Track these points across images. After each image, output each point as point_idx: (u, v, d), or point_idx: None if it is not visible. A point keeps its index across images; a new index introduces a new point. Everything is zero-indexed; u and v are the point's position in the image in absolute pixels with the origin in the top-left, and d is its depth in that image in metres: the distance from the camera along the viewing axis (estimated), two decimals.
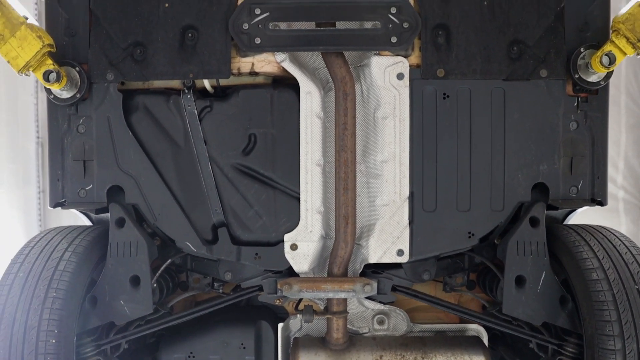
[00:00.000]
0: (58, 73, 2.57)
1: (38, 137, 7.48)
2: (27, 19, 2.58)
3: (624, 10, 2.67)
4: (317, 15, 2.65)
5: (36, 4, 6.31)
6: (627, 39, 2.52)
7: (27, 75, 2.61)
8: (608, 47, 2.55)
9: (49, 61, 2.58)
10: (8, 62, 2.57)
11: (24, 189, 7.07)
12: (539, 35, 2.68)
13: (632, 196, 7.35)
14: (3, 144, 6.88)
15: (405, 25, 2.63)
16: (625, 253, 2.56)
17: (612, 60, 2.55)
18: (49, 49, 2.58)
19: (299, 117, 2.70)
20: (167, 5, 2.69)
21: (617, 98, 7.26)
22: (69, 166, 2.75)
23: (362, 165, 2.82)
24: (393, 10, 2.63)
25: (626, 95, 7.18)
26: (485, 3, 2.68)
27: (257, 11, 2.63)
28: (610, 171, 6.65)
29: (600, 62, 2.56)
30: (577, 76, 2.67)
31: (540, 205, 2.72)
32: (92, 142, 2.74)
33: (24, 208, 7.10)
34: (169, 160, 2.77)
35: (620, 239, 2.66)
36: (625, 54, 2.55)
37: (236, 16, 2.63)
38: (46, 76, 2.57)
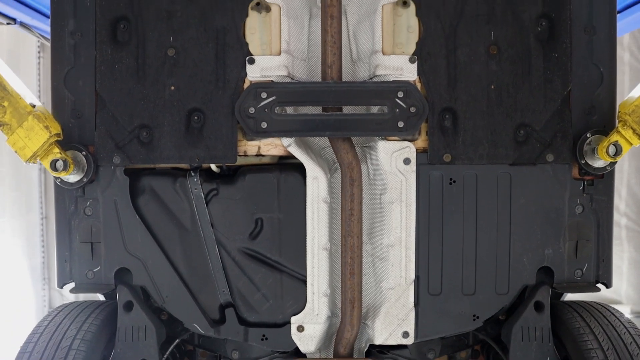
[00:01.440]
0: (65, 162, 2.58)
1: (41, 164, 7.44)
2: (34, 106, 2.58)
3: (632, 94, 2.68)
4: (323, 99, 2.65)
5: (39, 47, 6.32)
6: (634, 130, 2.53)
7: (34, 163, 2.62)
8: (615, 137, 2.55)
9: (56, 150, 2.58)
10: (15, 151, 2.58)
11: (26, 216, 7.08)
12: (546, 119, 2.69)
13: (635, 223, 7.36)
14: (6, 173, 6.88)
15: (412, 109, 2.63)
16: (631, 343, 2.57)
17: (618, 150, 2.55)
18: (56, 139, 2.58)
19: (305, 202, 2.71)
20: (172, 88, 2.69)
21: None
22: (76, 248, 2.76)
23: (368, 246, 2.84)
24: (400, 94, 2.63)
25: None
26: (493, 87, 2.68)
27: (264, 95, 2.64)
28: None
29: (607, 151, 2.56)
30: (583, 161, 2.68)
31: (545, 289, 2.73)
32: (99, 225, 2.75)
33: (27, 235, 7.10)
34: (176, 242, 2.78)
35: (624, 325, 2.67)
36: (631, 144, 2.56)
37: (242, 100, 2.64)
38: (53, 165, 2.58)
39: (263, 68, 2.67)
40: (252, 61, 2.67)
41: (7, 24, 4.30)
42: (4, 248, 6.79)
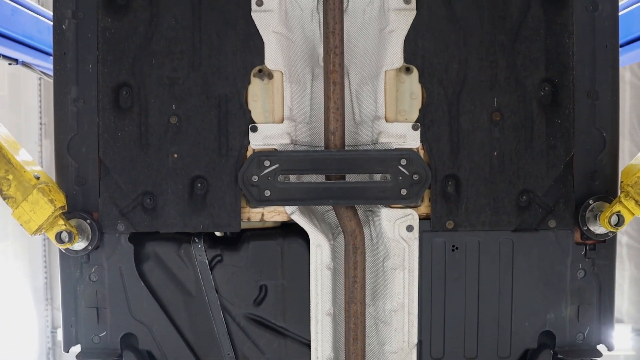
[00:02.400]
0: (70, 233, 2.59)
1: None
2: (38, 178, 2.59)
3: (634, 162, 2.69)
4: (326, 168, 2.66)
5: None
6: (636, 201, 2.54)
7: (39, 235, 2.63)
8: (617, 208, 2.56)
9: (61, 222, 2.60)
10: (21, 224, 2.59)
11: (29, 238, 7.09)
12: (549, 185, 2.70)
13: (636, 241, 7.40)
14: None
15: (415, 177, 2.64)
16: None
17: (620, 221, 2.57)
18: (60, 212, 2.59)
19: (308, 267, 2.73)
20: (175, 156, 2.70)
21: (621, 144, 7.27)
22: (82, 313, 2.78)
23: (371, 308, 2.85)
24: (403, 162, 2.64)
25: (630, 141, 7.20)
26: (496, 154, 2.69)
27: (267, 163, 2.65)
28: None
29: (609, 221, 2.57)
30: (585, 228, 2.69)
31: (546, 353, 2.75)
32: (105, 291, 2.77)
33: (29, 257, 7.14)
34: (181, 307, 2.80)
35: None
36: (633, 214, 2.57)
37: (245, 169, 2.64)
38: (58, 237, 2.59)
39: (266, 136, 2.67)
40: (254, 129, 2.68)
41: (10, 64, 4.31)
42: (7, 271, 6.82)
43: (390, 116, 2.69)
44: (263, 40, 2.66)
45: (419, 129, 2.68)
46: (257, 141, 2.68)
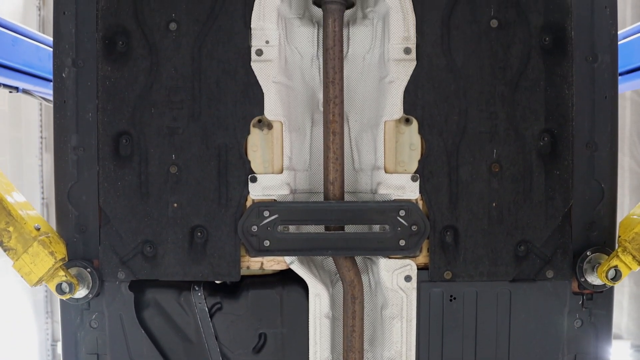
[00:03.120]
0: (70, 284, 2.61)
1: (43, 198, 7.52)
2: (38, 229, 2.60)
3: (634, 211, 2.70)
4: (325, 218, 2.67)
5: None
6: (634, 256, 2.55)
7: (39, 285, 2.65)
8: (614, 262, 2.57)
9: (62, 273, 2.61)
10: (21, 276, 2.60)
11: None
12: (547, 235, 2.71)
13: None
14: None
15: (414, 228, 2.65)
16: None
17: (618, 275, 2.58)
18: (61, 264, 2.61)
19: (307, 314, 2.74)
20: (175, 205, 2.71)
21: (621, 160, 7.29)
22: (82, 359, 2.80)
23: (369, 354, 2.87)
24: (402, 213, 2.65)
25: (630, 157, 7.20)
26: (494, 205, 2.70)
27: (266, 214, 2.66)
28: None
29: (606, 276, 2.58)
30: (582, 279, 2.70)
31: None
32: (105, 337, 2.78)
33: None
34: (181, 354, 2.82)
35: None
36: (631, 269, 2.58)
37: (245, 219, 2.66)
38: (59, 288, 2.60)
39: (265, 187, 2.68)
40: (254, 179, 2.69)
41: (10, 92, 4.32)
42: (7, 284, 6.84)
43: (390, 167, 2.70)
44: (263, 91, 2.67)
45: (418, 180, 2.68)
46: (256, 192, 2.69)
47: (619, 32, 2.82)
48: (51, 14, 2.81)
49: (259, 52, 2.67)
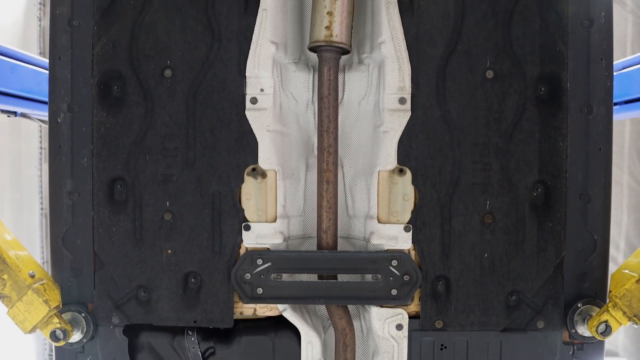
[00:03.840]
0: (65, 331, 2.62)
1: (42, 209, 7.55)
2: (33, 277, 2.62)
3: (630, 260, 2.71)
4: (318, 267, 2.69)
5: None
6: (624, 312, 2.56)
7: (34, 332, 2.66)
8: (605, 317, 2.58)
9: (56, 320, 2.63)
10: (16, 324, 2.62)
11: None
12: (538, 286, 2.72)
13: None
14: (7, 221, 6.91)
15: (406, 278, 2.67)
16: None
17: (608, 330, 2.59)
18: (55, 312, 2.62)
19: None
20: (169, 252, 2.72)
21: (620, 178, 7.29)
22: None
23: None
24: (394, 263, 2.66)
25: (629, 175, 7.19)
26: (486, 256, 2.71)
27: (259, 262, 2.67)
28: (612, 251, 6.77)
29: (596, 330, 2.59)
30: (573, 330, 2.71)
31: None
32: None
33: None
34: None
35: None
36: (621, 324, 2.59)
37: (238, 267, 2.67)
38: (53, 335, 2.62)
39: (259, 235, 2.69)
40: (247, 228, 2.70)
41: (8, 116, 4.33)
42: None
43: (383, 217, 2.71)
44: (257, 140, 2.68)
45: (411, 231, 2.69)
46: (250, 240, 2.70)
47: (619, 60, 2.82)
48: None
49: (254, 101, 2.68)
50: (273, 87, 2.68)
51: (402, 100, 2.67)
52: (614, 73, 2.79)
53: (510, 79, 2.67)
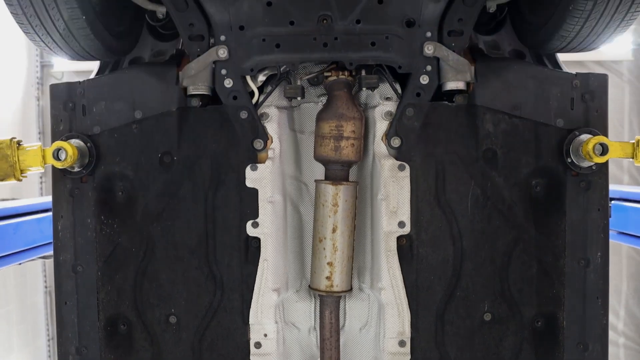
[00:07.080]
0: None
1: (46, 287, 7.58)
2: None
3: None
4: None
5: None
6: None
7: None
8: None
9: None
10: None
11: (30, 302, 7.14)
12: None
13: (633, 342, 7.51)
14: (12, 310, 6.93)
15: None
16: None
17: None
18: None
19: None
20: None
21: (619, 247, 7.31)
22: None
23: None
24: None
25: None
26: None
27: None
28: (611, 319, 6.85)
29: None
30: None
31: None
32: None
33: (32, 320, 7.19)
34: None
35: None
36: None
37: None
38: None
39: None
40: None
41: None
42: (9, 335, 6.95)
43: None
44: None
45: None
46: None
47: (617, 188, 2.78)
48: (49, 103, 2.82)
49: (258, 345, 2.74)
50: (276, 332, 2.74)
51: (401, 343, 2.73)
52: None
53: (508, 321, 2.72)
